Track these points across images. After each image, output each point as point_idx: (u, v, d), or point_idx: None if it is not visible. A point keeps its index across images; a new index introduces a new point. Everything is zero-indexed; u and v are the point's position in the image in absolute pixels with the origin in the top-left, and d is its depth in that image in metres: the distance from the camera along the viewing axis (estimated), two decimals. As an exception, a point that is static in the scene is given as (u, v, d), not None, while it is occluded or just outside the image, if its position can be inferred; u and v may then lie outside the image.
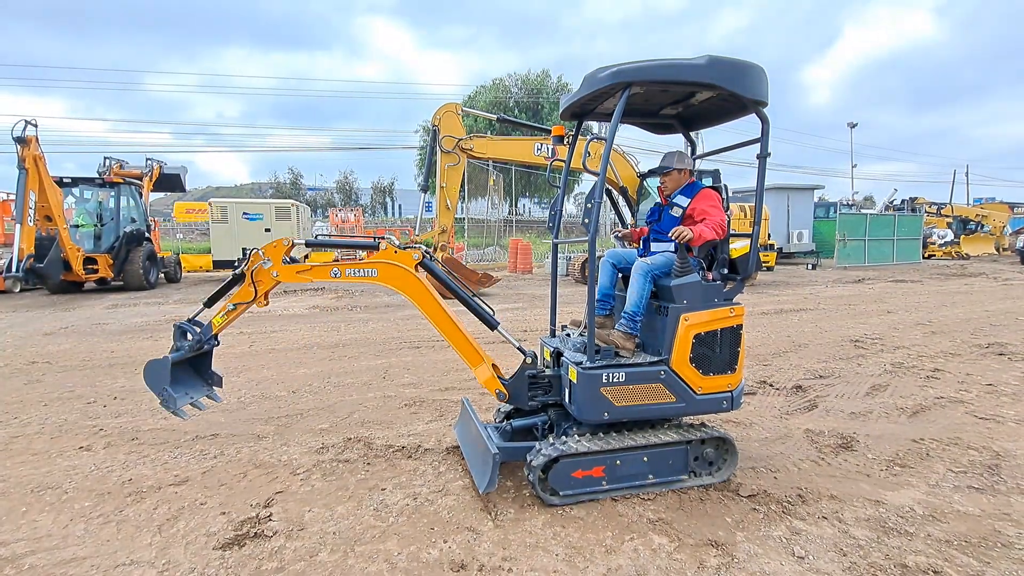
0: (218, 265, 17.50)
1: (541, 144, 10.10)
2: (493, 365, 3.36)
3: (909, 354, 6.83)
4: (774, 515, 2.99)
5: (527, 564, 2.51)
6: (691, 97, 3.43)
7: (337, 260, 3.33)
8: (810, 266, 20.97)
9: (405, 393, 5.20)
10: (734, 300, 3.38)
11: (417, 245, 3.38)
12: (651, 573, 2.46)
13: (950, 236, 27.89)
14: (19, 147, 11.95)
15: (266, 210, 17.94)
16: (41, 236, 12.68)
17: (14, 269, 12.00)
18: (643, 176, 7.54)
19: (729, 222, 3.51)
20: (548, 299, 3.97)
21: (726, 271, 3.54)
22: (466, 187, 21.88)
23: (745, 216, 14.74)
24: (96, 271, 13.87)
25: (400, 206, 51.79)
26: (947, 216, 29.08)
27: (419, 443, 3.93)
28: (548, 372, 3.41)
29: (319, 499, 3.12)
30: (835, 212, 24.30)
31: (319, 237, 3.71)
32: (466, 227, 24.98)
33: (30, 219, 12.20)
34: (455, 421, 3.98)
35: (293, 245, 3.27)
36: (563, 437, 3.15)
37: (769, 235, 16.04)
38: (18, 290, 14.14)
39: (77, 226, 14.31)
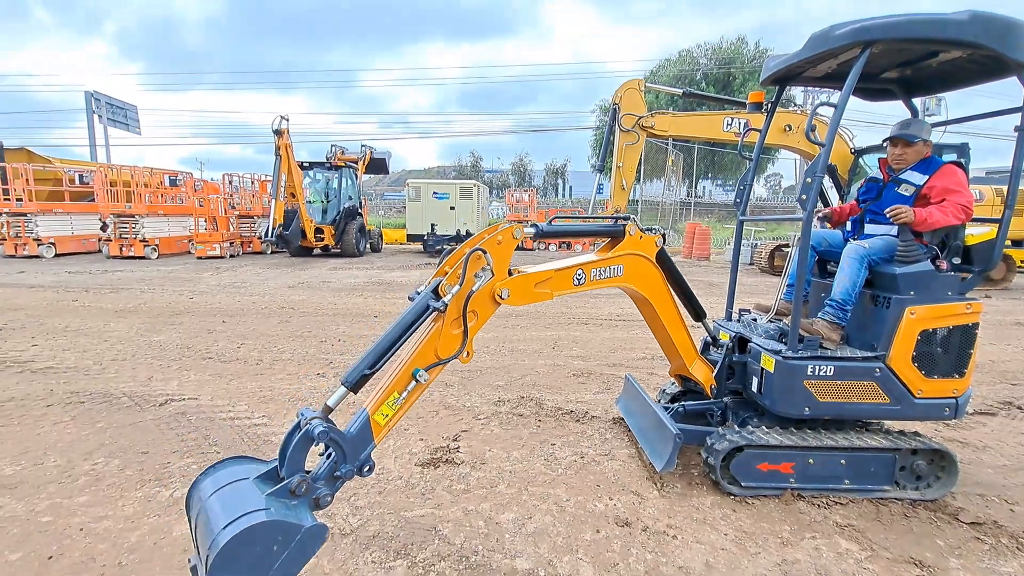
0: (411, 238, 19.82)
1: (732, 119, 9.29)
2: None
3: None
4: (1005, 549, 2.50)
5: (693, 536, 2.51)
6: (928, 58, 2.92)
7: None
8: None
9: (573, 364, 5.41)
10: (968, 295, 2.85)
11: (656, 229, 2.92)
12: (834, 574, 2.27)
13: None
14: (276, 137, 14.93)
15: (452, 190, 19.71)
16: (287, 210, 15.78)
17: (270, 235, 15.19)
18: (859, 152, 6.55)
19: None
20: (724, 288, 3.77)
21: (959, 261, 2.98)
22: (642, 167, 21.28)
23: (1003, 202, 11.78)
24: (323, 239, 16.81)
25: (571, 188, 52.45)
26: None
27: (586, 410, 4.10)
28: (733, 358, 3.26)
29: (497, 442, 3.49)
30: None
31: (555, 221, 2.82)
32: (640, 209, 24.36)
33: (281, 196, 15.27)
34: (618, 396, 4.05)
35: (523, 237, 2.36)
36: (748, 427, 3.01)
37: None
38: (269, 252, 17.94)
39: (310, 202, 17.48)
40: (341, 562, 2.32)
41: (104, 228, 15.40)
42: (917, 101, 3.58)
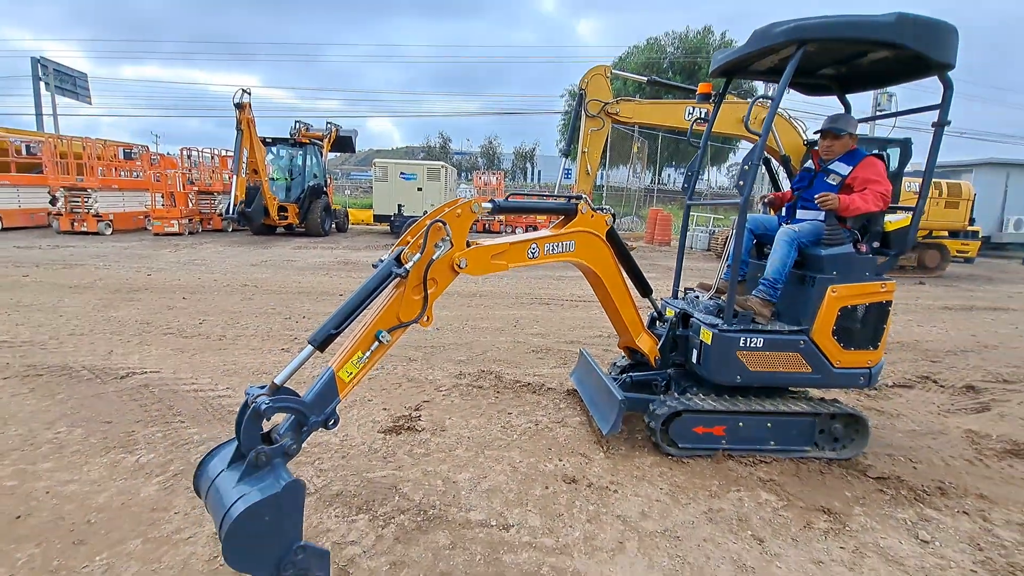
0: (378, 219, 19.62)
1: (694, 107, 9.58)
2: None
3: None
4: (903, 500, 2.85)
5: (632, 490, 2.76)
6: (860, 57, 3.18)
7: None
8: (1028, 261, 17.20)
9: (533, 341, 5.63)
10: (884, 276, 3.17)
11: (607, 208, 3.06)
12: (752, 521, 2.56)
13: None
14: (237, 112, 14.48)
15: (419, 171, 19.56)
16: (249, 187, 15.38)
17: (231, 212, 14.81)
18: (811, 144, 6.92)
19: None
20: (682, 271, 4.04)
21: (878, 245, 3.30)
22: (608, 154, 21.55)
23: (941, 195, 12.51)
24: (286, 218, 16.48)
25: (540, 172, 52.55)
26: None
27: (543, 383, 4.32)
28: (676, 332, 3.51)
29: (457, 411, 3.67)
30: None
31: (511, 198, 2.97)
32: (604, 195, 24.70)
33: (243, 172, 14.87)
34: (572, 368, 4.28)
35: (481, 211, 2.46)
36: (687, 394, 3.28)
37: (973, 219, 13.26)
38: (230, 229, 17.48)
39: (273, 179, 17.06)
40: (305, 517, 2.46)
41: (54, 202, 14.72)
42: (868, 95, 3.87)
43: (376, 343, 2.22)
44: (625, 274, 3.29)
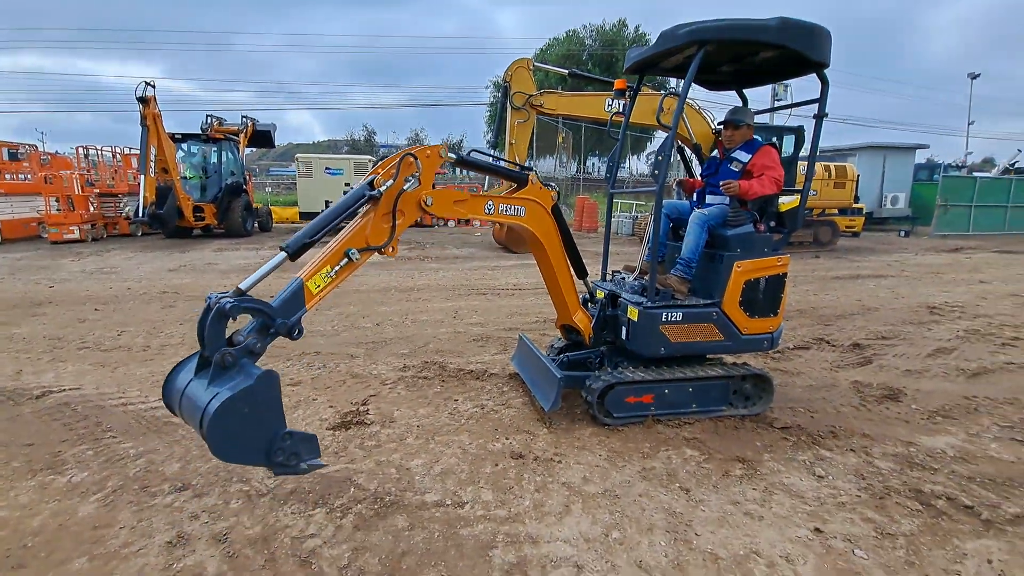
0: (304, 216, 18.92)
1: (612, 99, 10.05)
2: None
3: (990, 323, 6.55)
4: (803, 444, 3.29)
5: (574, 459, 3.01)
6: (752, 56, 3.56)
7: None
8: (903, 233, 19.46)
9: (473, 330, 5.79)
10: (780, 251, 3.59)
11: (552, 185, 3.31)
12: (680, 474, 2.88)
13: (1079, 203, 24.56)
14: (141, 106, 13.39)
15: (346, 165, 19.05)
16: (160, 186, 14.31)
17: (141, 215, 13.74)
18: (717, 134, 7.50)
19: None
20: (609, 254, 4.33)
21: (774, 224, 3.72)
22: (535, 144, 21.93)
23: (830, 176, 13.90)
24: (203, 218, 15.50)
25: (469, 163, 52.28)
26: (1078, 180, 25.56)
27: (486, 369, 4.50)
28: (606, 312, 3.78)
29: (404, 403, 3.77)
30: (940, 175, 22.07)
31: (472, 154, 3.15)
32: (534, 185, 25.13)
33: (151, 171, 13.81)
34: (513, 353, 4.50)
35: (447, 159, 2.69)
36: (619, 368, 3.57)
37: (858, 198, 14.91)
38: (140, 234, 16.21)
39: (186, 178, 15.96)
40: (261, 517, 2.50)
41: (-80, 211, 13.01)
42: (769, 87, 4.28)
43: (345, 259, 2.33)
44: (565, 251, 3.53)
